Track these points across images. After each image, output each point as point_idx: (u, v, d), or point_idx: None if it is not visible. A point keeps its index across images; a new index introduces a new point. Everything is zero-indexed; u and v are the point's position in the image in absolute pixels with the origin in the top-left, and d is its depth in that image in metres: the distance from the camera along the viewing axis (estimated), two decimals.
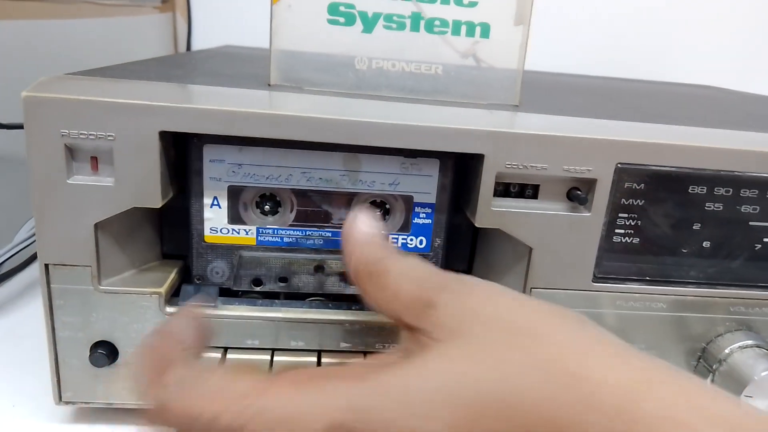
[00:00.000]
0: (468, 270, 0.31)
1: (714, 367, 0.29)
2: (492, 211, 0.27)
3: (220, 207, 0.27)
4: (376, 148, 0.26)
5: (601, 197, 0.27)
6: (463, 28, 0.31)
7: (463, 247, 0.31)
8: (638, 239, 0.28)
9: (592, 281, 0.28)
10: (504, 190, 0.27)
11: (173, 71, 0.35)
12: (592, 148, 0.26)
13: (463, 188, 0.29)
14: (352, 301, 0.29)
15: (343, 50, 0.31)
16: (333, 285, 0.29)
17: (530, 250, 0.27)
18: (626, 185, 0.27)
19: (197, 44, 0.80)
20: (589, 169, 0.26)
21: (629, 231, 0.28)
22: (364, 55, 0.31)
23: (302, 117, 0.25)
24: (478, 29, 0.31)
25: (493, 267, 0.30)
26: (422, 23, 0.31)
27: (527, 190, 0.28)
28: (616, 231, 0.28)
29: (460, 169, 0.29)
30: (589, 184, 0.27)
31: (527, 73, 0.31)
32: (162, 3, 0.78)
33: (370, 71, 0.31)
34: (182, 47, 0.80)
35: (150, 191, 0.25)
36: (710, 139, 0.28)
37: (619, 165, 0.27)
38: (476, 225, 0.27)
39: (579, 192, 0.27)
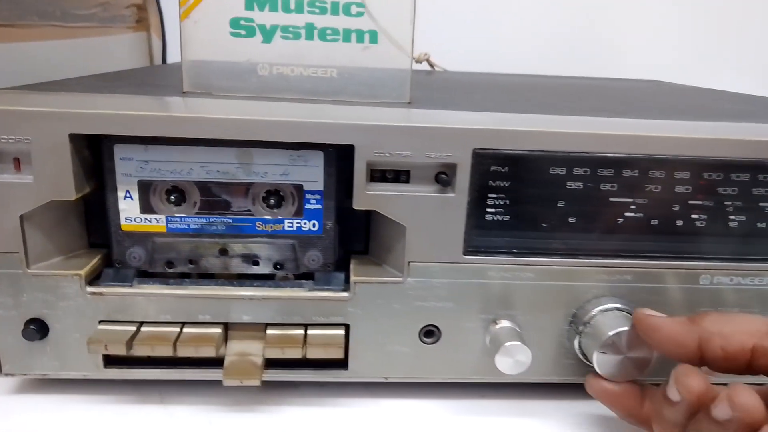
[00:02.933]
0: (365, 249, 0.35)
1: (580, 329, 0.33)
2: (366, 194, 0.30)
3: (132, 199, 0.31)
4: (265, 142, 0.30)
5: (463, 179, 0.31)
6: (353, 36, 0.35)
7: (359, 229, 0.35)
8: (505, 216, 0.32)
9: (463, 254, 0.32)
10: (381, 176, 0.31)
11: (104, 84, 0.39)
12: (449, 137, 0.30)
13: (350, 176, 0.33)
14: (254, 279, 0.33)
15: (246, 59, 0.35)
16: (236, 265, 0.33)
17: (404, 228, 0.31)
18: (488, 168, 0.31)
19: (173, 61, 0.85)
20: (449, 155, 0.30)
21: (496, 209, 0.32)
22: (265, 63, 0.35)
23: (193, 117, 0.29)
24: (367, 36, 0.35)
25: (382, 245, 0.34)
26: (316, 32, 0.35)
27: (402, 176, 0.31)
28: (483, 209, 0.32)
29: (348, 159, 0.32)
30: (452, 168, 0.31)
31: (459, 74, 0.35)
32: (136, 23, 0.83)
33: (271, 76, 0.35)
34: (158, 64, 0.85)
35: (64, 186, 0.29)
36: (573, 125, 0.32)
37: (475, 150, 0.30)
38: (354, 207, 0.31)
39: (444, 175, 0.31)
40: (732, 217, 0.33)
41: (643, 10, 0.87)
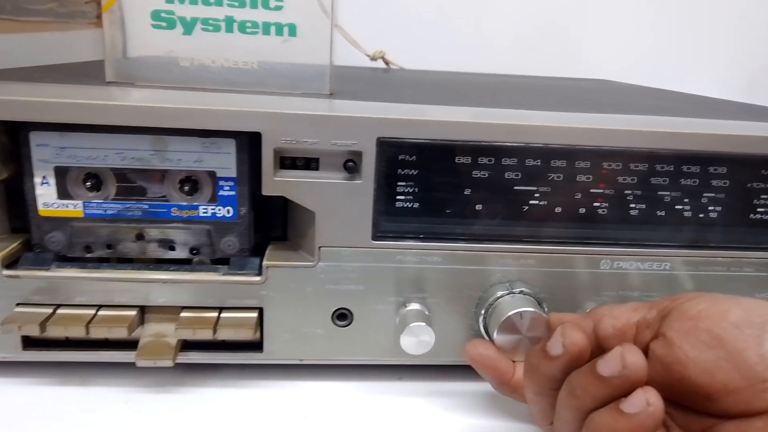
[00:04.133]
0: (284, 235, 0.36)
1: (483, 312, 0.34)
2: (275, 181, 0.32)
3: (49, 185, 0.32)
4: (178, 129, 0.31)
5: (369, 167, 0.32)
6: (272, 29, 0.36)
7: (277, 215, 0.36)
8: (413, 203, 0.33)
9: (372, 239, 0.33)
10: (292, 163, 0.32)
11: (37, 74, 0.40)
12: (353, 126, 0.31)
13: None
14: (171, 263, 0.34)
15: (168, 50, 0.36)
16: (153, 250, 0.34)
17: (314, 214, 0.32)
18: (396, 156, 0.32)
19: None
20: (354, 143, 0.31)
21: (404, 195, 0.33)
22: (186, 54, 0.36)
23: (103, 104, 0.30)
24: (285, 29, 0.36)
25: (296, 231, 0.35)
26: (235, 25, 0.36)
27: (312, 163, 0.32)
28: (390, 195, 0.33)
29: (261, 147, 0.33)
30: (358, 155, 0.32)
31: (414, 72, 0.35)
32: (97, 18, 0.83)
33: (193, 67, 0.36)
34: None
35: None
36: (478, 115, 0.33)
37: (379, 139, 0.31)
38: (262, 193, 0.32)
39: (351, 163, 0.32)
40: (632, 205, 0.35)
41: (606, 13, 0.88)
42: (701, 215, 0.35)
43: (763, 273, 0.35)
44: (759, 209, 0.35)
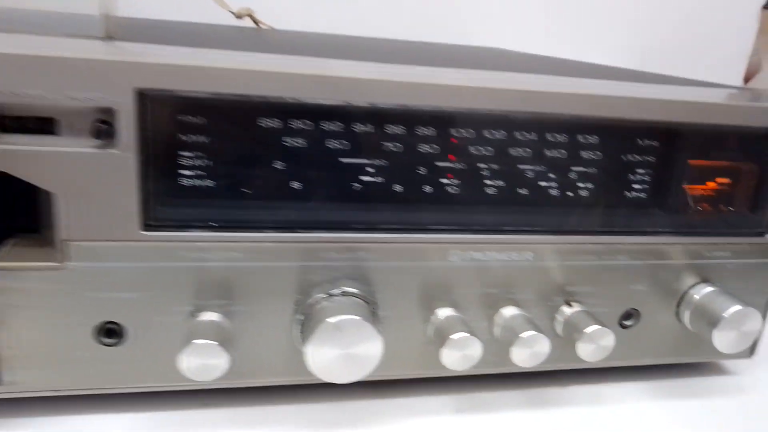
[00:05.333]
0: (36, 227, 0.27)
1: (301, 320, 0.26)
2: None
3: None
4: None
5: (127, 130, 0.23)
6: None
7: (27, 199, 0.26)
8: (200, 180, 0.25)
9: (142, 230, 0.25)
10: (19, 125, 0.23)
11: None
12: (98, 71, 0.22)
13: None
14: None
15: None
16: None
17: (54, 196, 0.23)
18: (173, 116, 0.24)
19: None
20: (101, 97, 0.23)
21: (187, 170, 0.25)
22: None
23: None
24: None
25: (43, 220, 0.26)
26: None
27: (49, 125, 0.23)
28: (167, 170, 0.24)
29: None
30: (111, 114, 0.23)
31: (285, 32, 0.27)
32: None
33: None
34: None
35: None
36: (289, 65, 0.25)
37: (139, 90, 0.23)
38: None
39: (103, 125, 0.23)
40: (487, 182, 0.28)
41: None
42: (570, 193, 0.29)
43: (638, 261, 0.30)
44: (635, 186, 0.30)
